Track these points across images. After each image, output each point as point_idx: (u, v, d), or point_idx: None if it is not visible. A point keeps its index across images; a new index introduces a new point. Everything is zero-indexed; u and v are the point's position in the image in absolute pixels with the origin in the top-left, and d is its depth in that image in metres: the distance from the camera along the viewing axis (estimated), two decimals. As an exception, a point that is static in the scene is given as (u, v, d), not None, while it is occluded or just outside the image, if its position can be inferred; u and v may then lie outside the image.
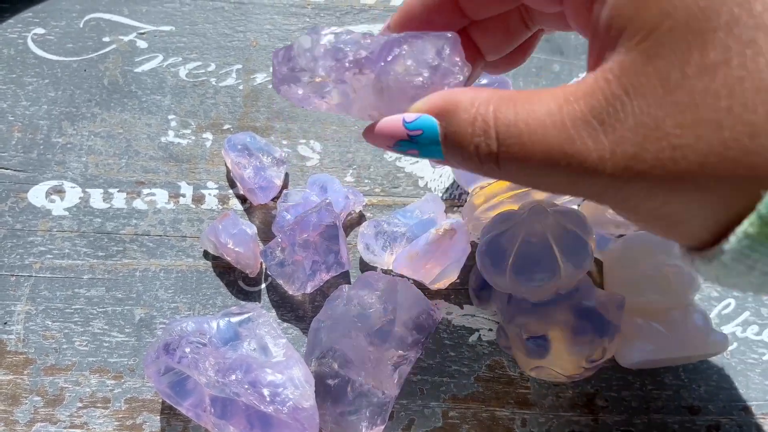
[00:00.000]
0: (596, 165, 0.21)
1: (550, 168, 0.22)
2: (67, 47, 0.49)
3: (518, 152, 0.22)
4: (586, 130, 0.21)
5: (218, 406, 0.36)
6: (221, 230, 0.42)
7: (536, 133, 0.21)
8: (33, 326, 0.41)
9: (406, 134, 0.24)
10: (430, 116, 0.24)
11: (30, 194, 0.45)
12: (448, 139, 0.23)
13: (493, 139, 0.22)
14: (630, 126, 0.20)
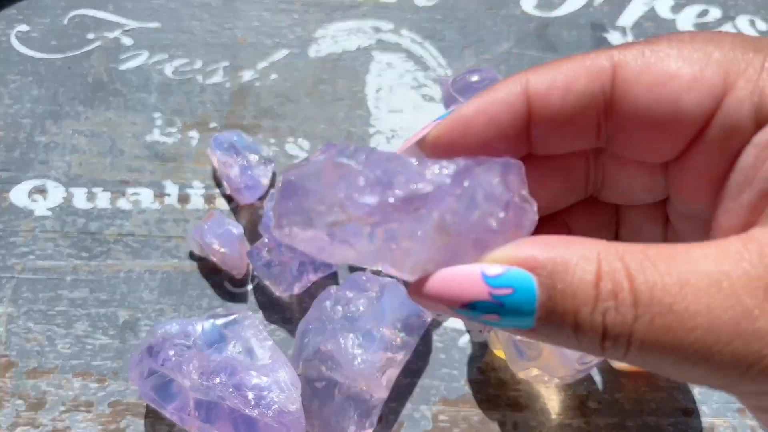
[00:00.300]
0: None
1: (711, 350, 0.16)
2: (51, 44, 0.49)
3: (668, 326, 0.16)
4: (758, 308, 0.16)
5: (203, 410, 0.36)
6: (207, 230, 0.41)
7: (696, 303, 0.16)
8: (15, 328, 0.41)
9: (488, 293, 0.17)
10: (522, 270, 0.17)
11: (12, 194, 0.44)
12: (555, 303, 0.17)
13: (629, 307, 0.16)
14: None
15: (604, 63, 0.19)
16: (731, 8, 0.52)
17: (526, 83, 0.20)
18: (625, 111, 0.19)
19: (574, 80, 0.19)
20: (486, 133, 0.20)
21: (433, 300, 0.18)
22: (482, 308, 0.17)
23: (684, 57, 0.18)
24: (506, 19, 0.51)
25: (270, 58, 0.49)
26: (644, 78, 0.18)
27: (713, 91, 0.18)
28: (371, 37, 0.50)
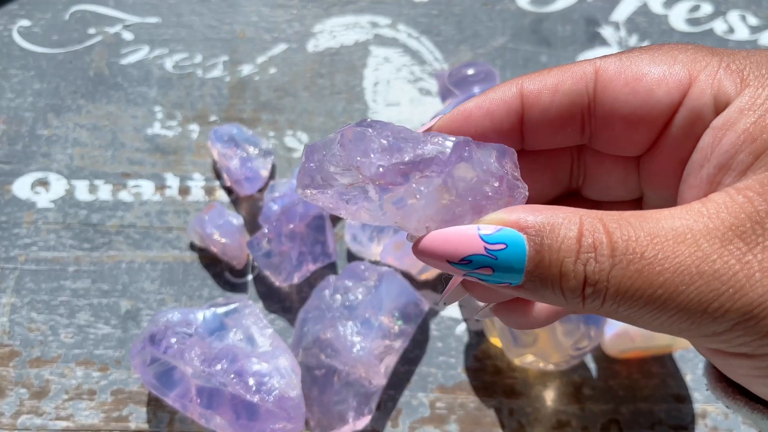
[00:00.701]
0: (742, 287, 0.18)
1: (677, 292, 0.18)
2: (53, 39, 0.49)
3: (640, 271, 0.18)
4: (728, 249, 0.18)
5: (204, 396, 0.36)
6: (207, 221, 0.42)
7: (664, 251, 0.18)
8: (18, 318, 0.41)
9: (483, 248, 0.19)
10: (513, 229, 0.19)
11: (15, 186, 0.45)
12: (542, 257, 0.19)
13: (607, 257, 0.19)
14: None
15: (587, 68, 0.22)
16: (722, 3, 0.53)
17: (520, 85, 0.22)
18: (605, 106, 0.22)
19: (561, 82, 0.22)
20: (484, 125, 0.23)
21: (434, 254, 0.20)
22: (477, 262, 0.20)
23: (654, 60, 0.21)
24: (501, 14, 0.52)
25: (269, 53, 0.50)
26: (621, 77, 0.21)
27: (679, 85, 0.21)
28: (368, 32, 0.51)
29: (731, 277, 0.18)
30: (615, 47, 0.51)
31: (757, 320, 0.18)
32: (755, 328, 0.19)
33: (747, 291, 0.18)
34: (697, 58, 0.21)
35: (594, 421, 0.40)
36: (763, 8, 0.53)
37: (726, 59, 0.20)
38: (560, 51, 0.50)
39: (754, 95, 0.20)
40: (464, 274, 0.20)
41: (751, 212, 0.19)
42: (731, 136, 0.20)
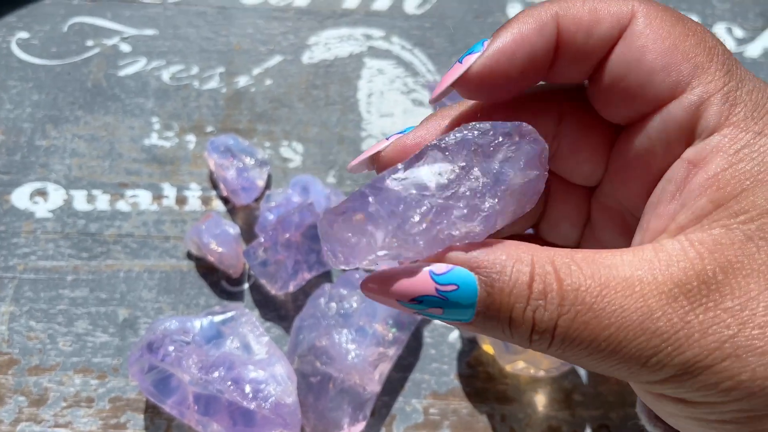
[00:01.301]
0: (680, 345, 0.18)
1: (620, 346, 0.19)
2: (51, 51, 0.50)
3: (587, 324, 0.19)
4: (672, 307, 0.19)
5: (201, 404, 0.37)
6: (204, 231, 0.42)
7: (612, 304, 0.19)
8: (17, 327, 0.42)
9: (434, 288, 0.19)
10: (464, 269, 0.19)
11: (13, 196, 0.45)
12: (493, 299, 0.19)
13: (555, 306, 0.19)
14: (727, 307, 0.18)
15: (625, 10, 0.21)
16: (709, 16, 0.54)
17: (557, 17, 0.21)
18: (614, 58, 0.21)
19: (597, 22, 0.21)
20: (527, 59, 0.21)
21: (384, 296, 0.20)
22: (428, 302, 0.19)
23: (678, 42, 0.20)
24: (493, 26, 0.53)
25: (264, 65, 0.51)
26: (642, 38, 0.20)
27: (676, 84, 0.20)
28: (362, 44, 0.52)
29: (672, 335, 0.19)
30: (604, 59, 0.52)
31: (692, 376, 0.19)
32: (690, 383, 0.19)
33: (684, 350, 0.19)
34: (709, 67, 0.20)
35: (584, 426, 0.41)
36: (749, 21, 0.54)
37: (733, 83, 0.20)
38: None
39: (735, 137, 0.19)
40: (414, 313, 0.20)
41: (699, 271, 0.19)
42: (701, 177, 0.20)
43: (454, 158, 0.20)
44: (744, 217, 0.19)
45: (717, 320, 0.19)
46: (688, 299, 0.19)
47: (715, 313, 0.19)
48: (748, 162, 0.19)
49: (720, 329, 0.18)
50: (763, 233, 0.19)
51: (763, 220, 0.19)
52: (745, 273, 0.19)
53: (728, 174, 0.19)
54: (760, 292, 0.18)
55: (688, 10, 0.54)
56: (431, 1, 0.54)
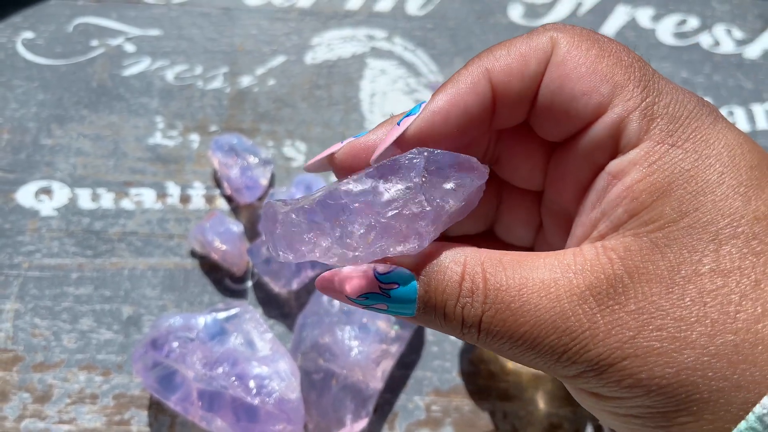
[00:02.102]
0: (587, 344, 0.20)
1: (535, 341, 0.20)
2: (56, 51, 0.50)
3: (505, 320, 0.20)
4: (582, 308, 0.20)
5: (205, 400, 0.37)
6: (208, 229, 0.43)
7: (528, 303, 0.20)
8: (22, 324, 0.42)
9: (378, 287, 0.21)
10: (404, 269, 0.21)
11: (19, 194, 0.45)
12: (429, 297, 0.21)
13: (480, 303, 0.21)
14: (630, 310, 0.20)
15: (545, 45, 0.22)
16: (708, 18, 0.54)
17: (487, 73, 0.23)
18: (544, 91, 0.22)
19: (526, 66, 0.22)
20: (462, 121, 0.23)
21: (335, 292, 0.22)
22: (373, 298, 0.22)
23: (595, 66, 0.21)
24: (494, 27, 0.53)
25: (268, 65, 0.51)
26: (560, 68, 0.22)
27: (598, 106, 0.21)
28: (365, 45, 0.52)
29: (580, 334, 0.20)
30: (605, 60, 0.52)
31: (597, 373, 0.20)
32: (597, 379, 0.20)
33: (590, 348, 0.20)
34: (627, 85, 0.21)
35: (585, 423, 0.41)
36: (748, 22, 0.54)
37: (650, 99, 0.21)
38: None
39: (649, 151, 0.20)
40: (363, 308, 0.22)
41: (609, 275, 0.20)
42: (619, 188, 0.21)
43: (404, 180, 0.21)
44: (652, 225, 0.20)
45: (620, 322, 0.20)
46: (596, 301, 0.20)
47: (619, 315, 0.20)
48: (661, 173, 0.20)
49: (622, 330, 0.20)
50: (668, 241, 0.20)
51: (669, 228, 0.20)
52: (648, 278, 0.20)
53: (642, 185, 0.20)
54: (660, 296, 0.20)
55: (687, 11, 0.55)
56: (433, 2, 0.54)
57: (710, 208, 0.20)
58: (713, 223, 0.20)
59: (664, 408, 0.20)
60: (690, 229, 0.20)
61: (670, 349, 0.19)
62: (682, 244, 0.20)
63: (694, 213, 0.20)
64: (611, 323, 0.20)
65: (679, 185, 0.20)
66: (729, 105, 0.51)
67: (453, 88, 0.23)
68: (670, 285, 0.20)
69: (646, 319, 0.20)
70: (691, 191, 0.20)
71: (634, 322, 0.20)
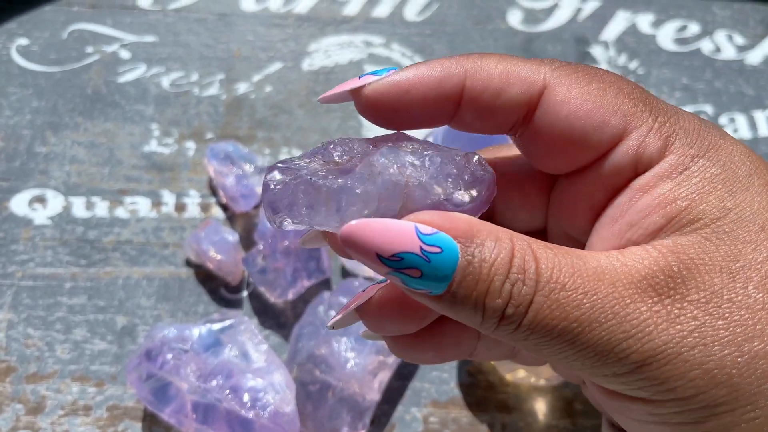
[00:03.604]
0: (651, 331, 0.19)
1: (590, 329, 0.19)
2: (51, 58, 0.50)
3: (559, 302, 0.19)
4: (641, 296, 0.19)
5: (200, 412, 0.37)
6: (203, 238, 0.42)
7: (584, 286, 0.19)
8: (15, 334, 0.42)
9: (419, 247, 0.19)
10: (448, 236, 0.19)
11: (12, 203, 0.45)
12: (472, 269, 0.19)
13: (533, 281, 0.19)
14: (693, 299, 0.19)
15: (536, 78, 0.22)
16: (709, 24, 0.54)
17: (464, 77, 0.22)
18: (542, 124, 0.22)
19: (507, 87, 0.22)
20: (418, 105, 0.22)
21: (365, 244, 0.19)
22: (409, 261, 0.19)
23: (600, 99, 0.21)
24: (493, 33, 0.53)
25: (264, 71, 0.50)
26: (565, 107, 0.21)
27: (612, 137, 0.21)
28: (363, 51, 0.52)
29: (641, 322, 0.19)
30: (604, 66, 0.52)
31: (657, 366, 0.19)
32: (654, 374, 0.19)
33: (653, 337, 0.19)
34: (636, 112, 0.21)
35: (585, 435, 0.40)
36: (749, 28, 0.54)
37: (660, 119, 0.21)
38: (551, 70, 0.51)
39: (675, 163, 0.21)
40: (388, 272, 0.19)
41: (664, 266, 0.20)
42: (647, 199, 0.21)
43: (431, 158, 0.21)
44: (697, 224, 0.20)
45: (684, 311, 0.19)
46: (655, 291, 0.19)
47: (681, 304, 0.19)
48: (694, 179, 0.20)
49: (687, 320, 0.19)
50: (718, 234, 0.20)
51: (716, 224, 0.20)
52: (707, 269, 0.19)
53: (676, 192, 0.20)
54: (723, 285, 0.19)
55: (688, 17, 0.54)
56: (431, 8, 0.54)
57: (750, 202, 0.20)
58: (758, 214, 0.20)
59: (726, 404, 0.19)
60: (737, 222, 0.20)
61: (740, 338, 0.19)
62: (734, 236, 0.20)
63: (736, 209, 0.20)
64: (674, 312, 0.19)
65: (715, 187, 0.20)
66: (730, 112, 0.50)
67: (423, 69, 0.22)
68: (731, 273, 0.19)
69: (711, 308, 0.19)
70: (728, 190, 0.20)
71: (698, 311, 0.19)
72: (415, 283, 0.19)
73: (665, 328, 0.19)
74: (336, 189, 0.20)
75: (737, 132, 0.49)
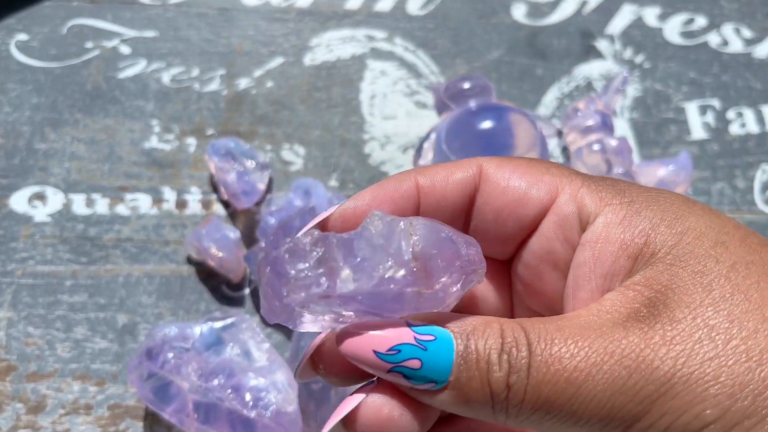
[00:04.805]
0: (653, 360, 0.19)
1: (590, 377, 0.19)
2: (50, 53, 0.49)
3: (554, 356, 0.19)
4: (631, 331, 0.19)
5: (201, 412, 0.36)
6: (204, 235, 0.42)
7: (574, 336, 0.20)
8: (15, 333, 0.41)
9: (413, 337, 0.20)
10: (438, 326, 0.20)
11: (12, 200, 0.45)
12: (470, 351, 0.20)
13: (525, 346, 0.20)
14: (680, 318, 0.20)
15: (472, 163, 0.24)
16: (717, 17, 0.53)
17: (415, 178, 0.24)
18: (483, 198, 0.24)
19: (451, 173, 0.24)
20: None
21: (360, 343, 0.20)
22: (407, 352, 0.20)
23: (530, 167, 0.24)
24: (497, 27, 0.52)
25: (266, 66, 0.50)
26: (502, 172, 0.24)
27: (548, 191, 0.23)
28: (365, 46, 0.51)
29: (639, 353, 0.19)
30: (610, 60, 0.51)
31: (674, 394, 0.19)
32: (673, 404, 0.19)
33: (658, 364, 0.19)
34: (564, 174, 0.23)
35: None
36: (757, 21, 0.53)
37: (587, 181, 0.23)
38: (555, 64, 0.51)
39: (615, 212, 0.22)
40: (389, 368, 0.20)
41: (643, 300, 0.20)
42: (609, 248, 0.22)
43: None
44: (659, 254, 0.21)
45: (677, 331, 0.19)
46: (643, 322, 0.20)
47: (672, 326, 0.19)
48: (639, 219, 0.22)
49: (684, 338, 0.19)
50: (680, 257, 0.21)
51: (675, 249, 0.21)
52: (682, 289, 0.20)
53: (630, 234, 0.22)
54: (702, 300, 0.20)
55: (695, 10, 0.53)
56: (435, 2, 0.53)
57: (697, 222, 0.21)
58: (708, 231, 0.21)
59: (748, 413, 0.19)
60: (693, 242, 0.21)
61: (744, 346, 0.19)
62: (694, 255, 0.21)
63: (688, 231, 0.21)
64: (668, 335, 0.19)
65: (662, 218, 0.21)
66: (738, 106, 0.50)
67: (379, 187, 0.24)
68: (705, 287, 0.20)
69: (701, 323, 0.19)
70: (674, 218, 0.21)
71: (690, 328, 0.19)
72: (418, 377, 0.20)
73: (665, 352, 0.19)
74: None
75: (745, 127, 0.49)
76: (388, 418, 0.21)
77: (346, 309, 0.20)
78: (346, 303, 0.20)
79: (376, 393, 0.21)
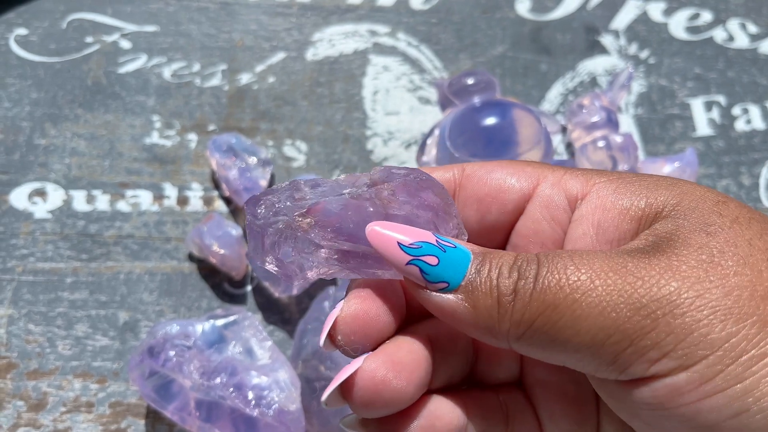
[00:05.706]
0: (657, 281, 0.19)
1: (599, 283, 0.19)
2: (50, 48, 0.49)
3: (562, 268, 0.20)
4: (639, 257, 0.20)
5: (203, 410, 0.36)
6: (206, 232, 0.41)
7: (583, 256, 0.20)
8: (15, 330, 0.41)
9: (435, 240, 0.21)
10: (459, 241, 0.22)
11: (12, 196, 0.44)
12: (484, 258, 0.21)
13: (535, 261, 0.20)
14: (684, 253, 0.20)
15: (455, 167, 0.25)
16: (722, 12, 0.53)
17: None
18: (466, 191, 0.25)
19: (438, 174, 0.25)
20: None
21: (387, 235, 0.21)
22: (427, 249, 0.21)
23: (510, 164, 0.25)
24: (501, 22, 0.52)
25: (267, 61, 0.50)
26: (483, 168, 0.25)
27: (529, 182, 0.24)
28: (368, 41, 0.51)
29: (644, 274, 0.19)
30: (615, 55, 0.51)
31: (680, 313, 0.19)
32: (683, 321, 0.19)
33: (663, 284, 0.19)
34: (545, 167, 0.24)
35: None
36: (763, 16, 0.53)
37: (570, 171, 0.24)
38: (560, 59, 0.50)
39: (605, 186, 0.23)
40: (409, 261, 0.21)
41: (648, 242, 0.21)
42: (609, 216, 0.22)
43: None
44: (663, 212, 0.21)
45: (682, 261, 0.20)
46: (648, 253, 0.20)
47: (677, 258, 0.20)
48: (634, 188, 0.22)
49: (691, 267, 0.19)
50: (684, 213, 0.21)
51: (678, 207, 0.21)
52: (687, 233, 0.20)
53: (629, 200, 0.22)
54: (706, 242, 0.20)
55: (700, 5, 0.53)
56: (438, -3, 0.53)
57: (693, 189, 0.22)
58: (706, 197, 0.21)
59: None
60: (695, 202, 0.21)
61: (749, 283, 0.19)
62: (698, 211, 0.21)
63: (687, 194, 0.22)
64: (674, 264, 0.19)
65: (658, 184, 0.22)
66: (744, 102, 0.49)
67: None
68: (709, 234, 0.20)
69: (708, 258, 0.19)
70: (669, 185, 0.22)
71: (698, 261, 0.20)
72: (433, 274, 0.21)
73: (671, 275, 0.19)
74: None
75: (751, 123, 0.48)
76: (383, 381, 0.21)
77: (323, 240, 0.21)
78: (323, 232, 0.21)
79: (372, 358, 0.22)
